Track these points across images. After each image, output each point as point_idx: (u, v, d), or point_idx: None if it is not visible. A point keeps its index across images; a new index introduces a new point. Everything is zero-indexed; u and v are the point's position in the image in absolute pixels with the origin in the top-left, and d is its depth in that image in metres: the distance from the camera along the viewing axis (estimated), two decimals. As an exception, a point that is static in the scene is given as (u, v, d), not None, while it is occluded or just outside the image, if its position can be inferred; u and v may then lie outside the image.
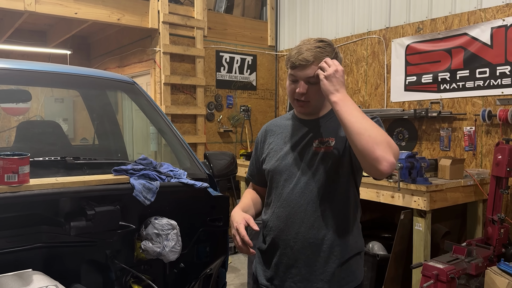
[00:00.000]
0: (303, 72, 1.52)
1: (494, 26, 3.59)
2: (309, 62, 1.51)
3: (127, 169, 1.76)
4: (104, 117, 2.85)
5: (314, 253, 1.56)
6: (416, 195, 3.12)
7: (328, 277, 1.56)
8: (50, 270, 1.49)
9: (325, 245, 1.56)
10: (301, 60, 1.51)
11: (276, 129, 1.74)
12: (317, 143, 1.59)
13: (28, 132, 2.57)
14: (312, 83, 1.53)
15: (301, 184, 1.58)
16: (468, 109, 3.81)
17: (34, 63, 2.35)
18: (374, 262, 3.44)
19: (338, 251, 1.57)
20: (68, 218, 1.61)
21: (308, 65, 1.51)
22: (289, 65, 1.56)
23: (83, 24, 5.16)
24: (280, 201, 1.62)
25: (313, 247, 1.56)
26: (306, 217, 1.57)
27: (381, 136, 1.37)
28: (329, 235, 1.56)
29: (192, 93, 5.16)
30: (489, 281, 2.78)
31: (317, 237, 1.56)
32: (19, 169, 1.49)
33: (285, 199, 1.60)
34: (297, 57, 1.52)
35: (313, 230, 1.56)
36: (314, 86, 1.53)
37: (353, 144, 1.38)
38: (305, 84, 1.54)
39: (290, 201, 1.59)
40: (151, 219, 1.75)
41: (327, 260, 1.56)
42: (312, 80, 1.52)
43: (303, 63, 1.51)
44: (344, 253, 1.58)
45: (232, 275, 4.42)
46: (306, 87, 1.54)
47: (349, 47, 4.87)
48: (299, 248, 1.57)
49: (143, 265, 1.83)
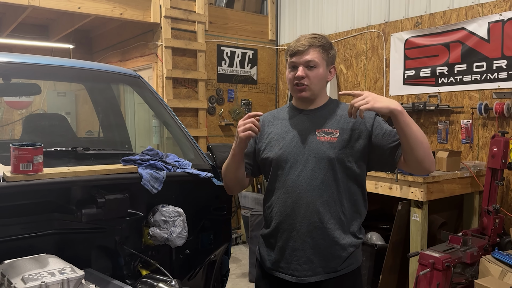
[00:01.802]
0: (301, 57, 1.66)
1: (491, 21, 3.65)
2: (305, 46, 1.65)
3: (135, 159, 1.83)
4: (109, 109, 2.92)
5: (319, 235, 1.64)
6: (413, 186, 3.20)
7: (331, 258, 1.65)
8: (62, 255, 1.57)
9: (329, 228, 1.64)
10: (299, 46, 1.66)
11: (274, 119, 1.80)
12: (321, 133, 1.67)
13: (35, 125, 2.64)
14: (311, 67, 1.66)
15: (307, 170, 1.65)
16: (465, 103, 3.88)
17: (41, 57, 2.41)
18: (372, 252, 3.53)
19: (341, 234, 1.65)
20: (79, 205, 1.69)
21: (305, 50, 1.65)
22: (289, 54, 1.70)
23: (85, 19, 5.21)
24: (285, 187, 1.68)
25: (318, 230, 1.64)
26: (312, 202, 1.64)
27: (428, 143, 1.59)
28: (333, 219, 1.64)
29: (193, 87, 5.22)
30: (483, 269, 2.86)
31: (322, 221, 1.64)
32: (34, 158, 1.56)
33: (290, 185, 1.67)
34: (296, 45, 1.67)
35: (319, 214, 1.64)
36: (312, 70, 1.66)
37: (414, 151, 1.54)
38: (304, 68, 1.66)
39: (296, 187, 1.66)
40: (158, 207, 1.83)
41: (331, 243, 1.65)
42: (312, 64, 1.65)
43: (301, 48, 1.65)
44: (346, 237, 1.67)
45: (233, 265, 4.51)
46: (305, 71, 1.66)
47: (349, 41, 4.93)
48: (304, 231, 1.65)
49: (150, 251, 1.91)
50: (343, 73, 5.00)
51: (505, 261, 2.80)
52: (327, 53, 1.69)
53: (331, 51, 1.70)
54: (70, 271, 1.37)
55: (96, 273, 1.66)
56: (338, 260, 1.65)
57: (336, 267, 1.65)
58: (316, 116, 1.72)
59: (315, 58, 1.65)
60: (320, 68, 1.67)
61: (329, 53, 1.69)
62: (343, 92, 1.64)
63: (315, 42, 1.65)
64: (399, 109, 1.51)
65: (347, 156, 1.64)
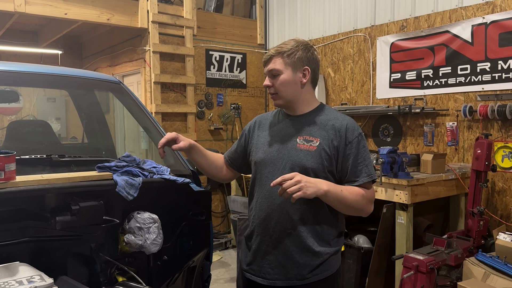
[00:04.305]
0: (267, 67, 1.71)
1: (475, 24, 3.68)
2: (268, 56, 1.70)
3: (110, 166, 1.83)
4: (92, 116, 2.92)
5: (291, 242, 1.66)
6: (398, 189, 3.21)
7: (303, 265, 1.65)
8: (37, 263, 1.56)
9: (302, 236, 1.65)
10: (265, 56, 1.72)
11: (265, 122, 1.84)
12: (302, 140, 1.68)
13: (17, 132, 2.64)
14: (275, 75, 1.69)
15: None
16: (450, 105, 3.90)
17: (23, 64, 2.42)
18: (359, 255, 3.53)
19: (314, 243, 1.66)
20: (53, 213, 1.68)
21: (267, 59, 1.70)
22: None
23: (73, 24, 5.21)
24: (263, 192, 1.71)
25: (290, 236, 1.65)
26: (285, 210, 1.66)
27: (359, 202, 1.64)
28: (306, 227, 1.65)
29: (182, 92, 5.23)
30: (467, 271, 2.87)
31: (295, 228, 1.65)
32: (5, 166, 1.56)
33: (267, 191, 1.69)
34: (265, 55, 1.73)
35: (292, 222, 1.65)
36: (275, 78, 1.69)
37: (346, 212, 1.69)
38: (269, 77, 1.71)
39: (272, 193, 1.67)
40: (133, 214, 1.83)
41: (303, 250, 1.65)
42: (274, 73, 1.69)
43: (265, 58, 1.72)
44: (320, 245, 1.67)
45: (222, 269, 4.50)
46: (270, 80, 1.70)
47: (336, 45, 4.95)
48: (277, 237, 1.67)
49: (127, 257, 1.91)
50: (331, 76, 5.02)
51: (488, 263, 2.81)
52: (292, 57, 1.68)
53: (297, 53, 1.68)
54: (39, 279, 1.36)
55: (71, 281, 1.65)
56: (309, 267, 1.66)
57: (306, 274, 1.66)
58: (301, 122, 1.73)
59: (276, 66, 1.68)
60: (283, 74, 1.68)
61: (294, 57, 1.68)
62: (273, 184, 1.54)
63: (278, 50, 1.69)
64: (322, 192, 1.54)
65: (323, 166, 1.64)
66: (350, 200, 1.62)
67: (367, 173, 1.66)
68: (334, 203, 1.61)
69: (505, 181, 3.57)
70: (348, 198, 1.61)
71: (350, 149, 1.65)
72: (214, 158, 1.90)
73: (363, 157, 1.66)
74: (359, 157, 1.65)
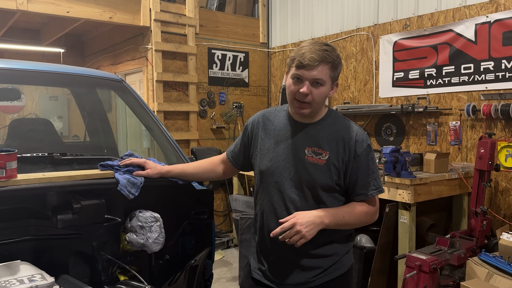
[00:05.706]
0: (310, 73, 1.53)
1: (478, 23, 3.66)
2: (315, 62, 1.51)
3: (112, 164, 1.82)
4: (94, 114, 2.91)
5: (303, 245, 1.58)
6: (400, 189, 3.20)
7: (315, 267, 1.65)
8: (39, 262, 1.56)
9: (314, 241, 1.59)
10: (309, 59, 1.51)
11: (270, 125, 1.73)
12: (310, 152, 1.62)
13: (19, 130, 2.63)
14: (317, 84, 1.55)
15: (292, 189, 1.64)
16: (453, 104, 3.88)
17: (25, 62, 2.41)
18: (361, 254, 3.52)
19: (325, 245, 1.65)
20: (55, 211, 1.67)
21: (315, 65, 1.52)
22: (295, 64, 1.55)
23: (75, 23, 5.20)
24: (270, 201, 1.68)
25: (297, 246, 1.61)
26: None
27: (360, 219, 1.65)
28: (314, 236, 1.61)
29: (184, 90, 5.22)
30: (470, 271, 2.86)
31: None
32: (7, 164, 1.55)
33: (275, 201, 1.67)
34: (305, 57, 1.52)
35: None
36: (317, 87, 1.55)
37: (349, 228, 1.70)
38: (310, 85, 1.55)
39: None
40: (135, 212, 1.82)
41: (316, 254, 1.65)
42: (319, 81, 1.54)
43: (311, 63, 1.51)
44: (332, 247, 1.67)
45: (224, 268, 4.50)
46: (311, 88, 1.55)
47: (339, 44, 4.93)
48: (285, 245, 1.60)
49: (129, 256, 1.90)
50: (334, 75, 4.99)
51: (491, 263, 2.79)
52: (335, 70, 1.59)
53: (339, 67, 1.60)
54: (40, 278, 1.36)
55: (72, 280, 1.64)
56: (321, 269, 1.65)
57: (319, 274, 1.66)
58: (310, 131, 1.65)
59: (323, 76, 1.54)
60: (325, 85, 1.57)
61: (337, 70, 1.60)
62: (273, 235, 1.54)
63: (326, 58, 1.53)
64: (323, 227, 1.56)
65: (332, 180, 1.61)
66: (353, 223, 1.65)
67: (376, 186, 1.64)
68: (337, 228, 1.63)
69: (509, 180, 3.55)
70: (351, 222, 1.64)
71: (358, 162, 1.62)
72: (200, 169, 1.91)
73: (371, 170, 1.64)
74: (367, 170, 1.63)
